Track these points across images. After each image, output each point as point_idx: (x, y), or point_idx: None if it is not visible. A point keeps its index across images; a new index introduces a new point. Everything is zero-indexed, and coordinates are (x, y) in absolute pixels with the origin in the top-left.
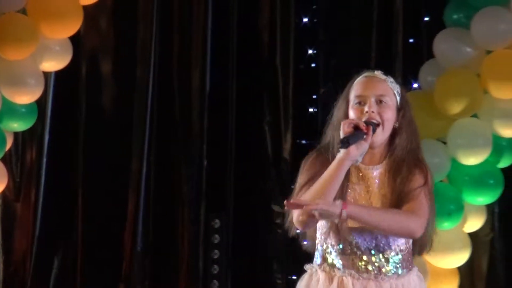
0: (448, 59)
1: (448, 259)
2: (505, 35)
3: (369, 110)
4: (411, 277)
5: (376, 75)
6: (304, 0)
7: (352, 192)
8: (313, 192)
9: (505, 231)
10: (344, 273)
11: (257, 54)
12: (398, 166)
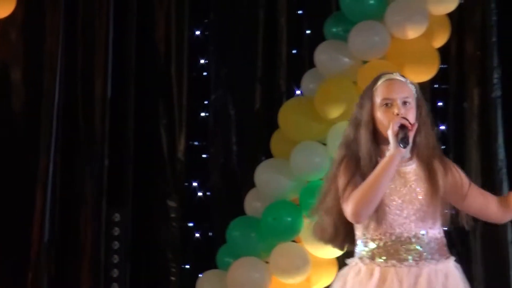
0: (328, 68)
1: (328, 250)
2: (379, 46)
3: (399, 112)
4: (449, 264)
5: (397, 77)
6: (196, 14)
7: (391, 188)
8: (368, 186)
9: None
10: (387, 264)
11: (154, 64)
12: (429, 162)
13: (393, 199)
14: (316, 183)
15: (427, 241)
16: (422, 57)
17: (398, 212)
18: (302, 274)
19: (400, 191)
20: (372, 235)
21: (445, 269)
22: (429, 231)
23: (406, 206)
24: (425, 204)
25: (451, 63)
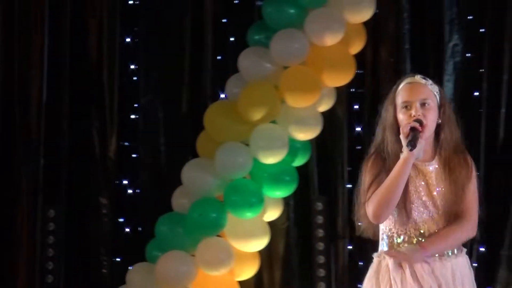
0: (251, 73)
1: (250, 244)
2: (299, 53)
3: (416, 114)
4: (463, 257)
5: (418, 80)
6: (127, 23)
7: (412, 186)
8: (386, 188)
9: (298, 220)
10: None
11: (87, 69)
12: (450, 161)
13: (417, 197)
14: (239, 181)
15: None
16: (340, 63)
17: (422, 209)
18: (226, 266)
19: (423, 189)
20: (398, 230)
21: (462, 262)
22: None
23: (429, 204)
24: (447, 201)
25: (367, 68)
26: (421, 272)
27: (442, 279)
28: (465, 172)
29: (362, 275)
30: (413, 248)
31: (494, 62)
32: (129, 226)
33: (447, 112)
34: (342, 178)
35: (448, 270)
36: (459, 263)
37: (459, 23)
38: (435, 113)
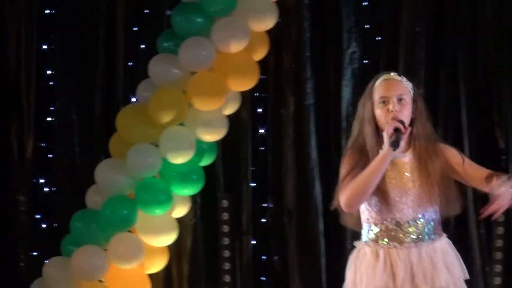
0: (160, 79)
1: (160, 239)
2: (206, 59)
3: (393, 109)
4: (442, 241)
5: (394, 77)
6: (43, 31)
7: (388, 177)
8: (361, 180)
9: (204, 217)
10: (389, 246)
11: (6, 75)
12: (423, 152)
13: (392, 187)
14: (149, 180)
15: (425, 224)
16: (244, 69)
17: (397, 199)
18: (137, 260)
19: (398, 179)
20: (375, 219)
21: (441, 246)
22: (425, 214)
23: (404, 193)
24: (421, 190)
25: (270, 74)
26: (396, 261)
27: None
28: (437, 162)
29: (265, 268)
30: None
31: (389, 68)
32: (45, 222)
33: (419, 107)
34: (246, 177)
35: (424, 256)
36: (436, 248)
37: (356, 32)
38: (410, 109)
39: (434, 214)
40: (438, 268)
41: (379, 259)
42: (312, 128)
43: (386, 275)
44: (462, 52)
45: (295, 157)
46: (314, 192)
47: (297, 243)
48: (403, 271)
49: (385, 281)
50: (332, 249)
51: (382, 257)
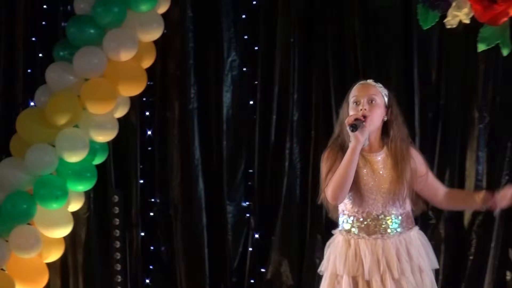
0: (56, 85)
1: (56, 231)
2: (98, 67)
3: (362, 108)
4: (411, 233)
5: (368, 82)
6: None
7: (361, 173)
8: (339, 174)
9: (97, 211)
10: (359, 236)
11: None
12: (397, 152)
13: (365, 183)
14: (47, 177)
15: (393, 218)
16: (133, 75)
17: (369, 194)
18: (35, 250)
19: (371, 176)
20: (350, 212)
21: (408, 238)
22: (394, 209)
23: (376, 189)
24: (391, 187)
25: (157, 80)
26: (364, 250)
27: (383, 257)
28: (409, 164)
29: (153, 258)
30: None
31: (266, 75)
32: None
33: (394, 111)
34: (135, 175)
35: (391, 247)
36: (402, 240)
37: (236, 42)
38: (381, 111)
39: (402, 210)
40: (403, 258)
41: (350, 247)
42: (196, 130)
43: (357, 263)
44: (332, 58)
45: (180, 156)
46: (198, 188)
47: (182, 235)
48: (370, 260)
49: (356, 268)
50: (214, 240)
51: (353, 246)
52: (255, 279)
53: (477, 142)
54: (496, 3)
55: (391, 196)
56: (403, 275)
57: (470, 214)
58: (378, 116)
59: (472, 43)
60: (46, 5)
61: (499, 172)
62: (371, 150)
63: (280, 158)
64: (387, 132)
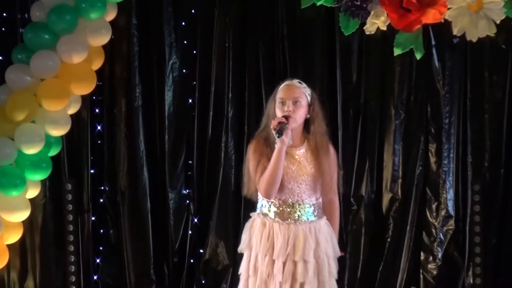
0: (15, 84)
1: (16, 216)
2: (52, 68)
3: (288, 109)
4: (320, 222)
5: (294, 83)
6: None
7: (285, 166)
8: (269, 173)
9: (52, 197)
10: (274, 220)
11: None
12: (317, 146)
13: (285, 174)
14: (6, 167)
15: (306, 207)
16: (84, 76)
17: (287, 183)
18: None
19: (290, 168)
20: (268, 200)
21: (318, 226)
22: (308, 199)
23: (294, 180)
24: (308, 178)
25: (105, 80)
26: (277, 233)
27: (292, 241)
28: (326, 158)
29: (103, 240)
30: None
31: (204, 76)
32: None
33: (315, 109)
34: (86, 165)
35: (300, 233)
36: (312, 227)
37: (176, 46)
38: (304, 110)
39: (315, 200)
40: (309, 243)
41: (265, 229)
42: (140, 125)
43: (268, 243)
44: (263, 60)
45: (126, 148)
46: (143, 177)
47: (129, 219)
48: (280, 243)
49: (267, 248)
50: (158, 225)
51: (267, 228)
52: (194, 259)
53: (394, 136)
54: (410, 12)
55: (307, 187)
56: (302, 259)
57: (388, 200)
58: (301, 115)
59: (389, 48)
60: (5, 13)
61: (414, 162)
62: (293, 145)
63: (216, 150)
64: (308, 128)
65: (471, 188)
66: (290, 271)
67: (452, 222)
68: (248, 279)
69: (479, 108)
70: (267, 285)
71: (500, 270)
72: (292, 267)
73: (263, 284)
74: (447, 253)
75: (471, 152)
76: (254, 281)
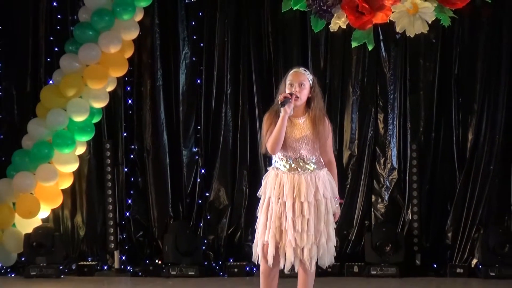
0: (67, 69)
1: (67, 167)
2: (95, 57)
3: (295, 89)
4: (321, 172)
5: (300, 70)
6: None
7: (289, 131)
8: (274, 135)
9: (95, 154)
10: (284, 172)
11: None
12: (315, 118)
13: (291, 137)
14: (61, 131)
15: (308, 161)
16: (119, 63)
17: (293, 144)
18: (54, 180)
19: (294, 132)
20: (279, 155)
21: (317, 175)
22: (310, 155)
23: (298, 141)
24: (309, 141)
25: (134, 66)
26: (286, 181)
27: (297, 186)
28: (322, 126)
29: (133, 186)
30: (337, 206)
31: (208, 63)
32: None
33: (316, 90)
34: (120, 129)
35: (303, 180)
36: (313, 176)
37: (188, 40)
38: (307, 91)
39: (316, 156)
40: (308, 188)
41: (277, 179)
42: (161, 99)
43: (280, 189)
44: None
45: (150, 117)
46: (163, 139)
47: (152, 170)
48: (288, 188)
49: (278, 192)
50: (174, 174)
51: (279, 178)
52: (202, 200)
53: (351, 108)
54: (364, 15)
55: (307, 146)
56: (307, 200)
57: (347, 156)
58: (305, 94)
59: (348, 41)
60: (60, 15)
61: (366, 128)
62: (296, 115)
63: (218, 119)
64: (309, 104)
65: (410, 147)
66: (299, 209)
67: (395, 172)
68: (262, 216)
69: (416, 87)
70: (280, 221)
71: (431, 208)
72: (300, 206)
73: (278, 220)
74: (391, 196)
75: (410, 120)
76: (268, 219)
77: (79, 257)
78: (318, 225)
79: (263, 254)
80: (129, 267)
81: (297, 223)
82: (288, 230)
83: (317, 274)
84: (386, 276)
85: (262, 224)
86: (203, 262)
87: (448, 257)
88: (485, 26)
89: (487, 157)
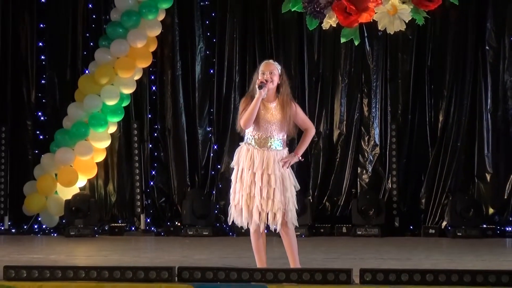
0: (100, 60)
1: (101, 144)
2: (124, 51)
3: (266, 76)
4: (284, 151)
5: (270, 62)
6: (39, 31)
7: (261, 114)
8: (248, 112)
9: (124, 132)
10: (255, 147)
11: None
12: (283, 102)
13: (262, 118)
14: (96, 113)
15: (275, 140)
16: (144, 55)
17: (264, 125)
18: (89, 154)
19: (266, 115)
20: (251, 133)
21: (281, 153)
22: (277, 135)
23: (268, 122)
24: (277, 122)
25: (157, 59)
26: (256, 155)
27: (265, 161)
28: (290, 110)
29: (156, 159)
30: (292, 154)
31: (220, 56)
32: (42, 135)
33: (283, 78)
34: (146, 111)
35: (271, 156)
36: (278, 153)
37: (203, 37)
38: (277, 78)
39: (283, 136)
40: (274, 163)
41: (249, 153)
42: (180, 87)
43: (250, 161)
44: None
45: (171, 102)
46: (182, 120)
47: (173, 146)
48: (257, 161)
49: (249, 164)
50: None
51: (250, 152)
52: (214, 172)
53: (340, 94)
54: (351, 15)
55: (276, 127)
56: (274, 173)
57: (337, 135)
58: (275, 81)
59: (338, 37)
60: (94, 15)
61: (353, 111)
62: (268, 100)
63: (228, 103)
64: (279, 90)
65: (390, 127)
66: (266, 179)
67: (377, 148)
68: (235, 184)
69: (395, 76)
70: (250, 189)
71: (408, 178)
72: (268, 178)
73: (248, 188)
74: (374, 168)
75: (390, 104)
76: (241, 186)
77: (111, 219)
78: (285, 192)
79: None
80: (153, 228)
81: (263, 191)
82: (256, 196)
83: (311, 234)
84: (370, 236)
85: (236, 191)
86: (215, 224)
87: (422, 220)
88: (453, 25)
89: (455, 135)
